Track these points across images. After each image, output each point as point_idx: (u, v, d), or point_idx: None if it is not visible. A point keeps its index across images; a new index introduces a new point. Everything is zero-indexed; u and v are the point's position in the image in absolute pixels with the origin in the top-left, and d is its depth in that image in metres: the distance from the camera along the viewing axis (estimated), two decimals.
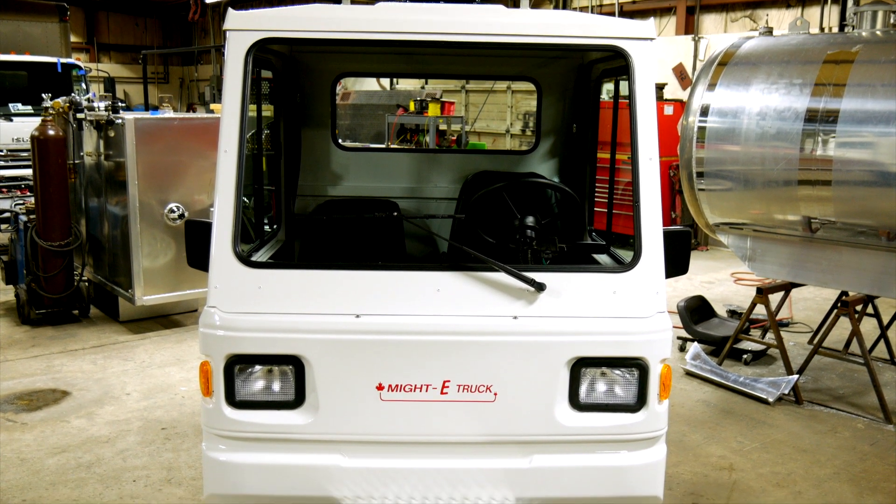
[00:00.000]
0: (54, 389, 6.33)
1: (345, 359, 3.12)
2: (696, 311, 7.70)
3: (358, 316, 3.11)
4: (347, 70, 5.42)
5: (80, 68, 13.29)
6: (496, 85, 17.03)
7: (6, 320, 8.26)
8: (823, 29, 12.97)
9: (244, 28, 3.27)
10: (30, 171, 8.46)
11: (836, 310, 6.65)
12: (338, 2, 3.48)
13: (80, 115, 8.13)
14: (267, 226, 4.85)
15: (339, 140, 5.52)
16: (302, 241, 4.92)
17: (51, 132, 7.80)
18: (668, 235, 3.26)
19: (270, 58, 4.26)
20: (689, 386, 6.68)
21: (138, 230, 7.50)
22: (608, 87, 7.45)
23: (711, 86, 6.43)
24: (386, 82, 17.83)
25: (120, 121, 7.47)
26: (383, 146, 13.65)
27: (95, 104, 8.08)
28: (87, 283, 8.35)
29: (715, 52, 6.69)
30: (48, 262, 7.85)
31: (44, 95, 8.68)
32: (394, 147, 13.22)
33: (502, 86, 16.96)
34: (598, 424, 3.23)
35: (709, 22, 15.46)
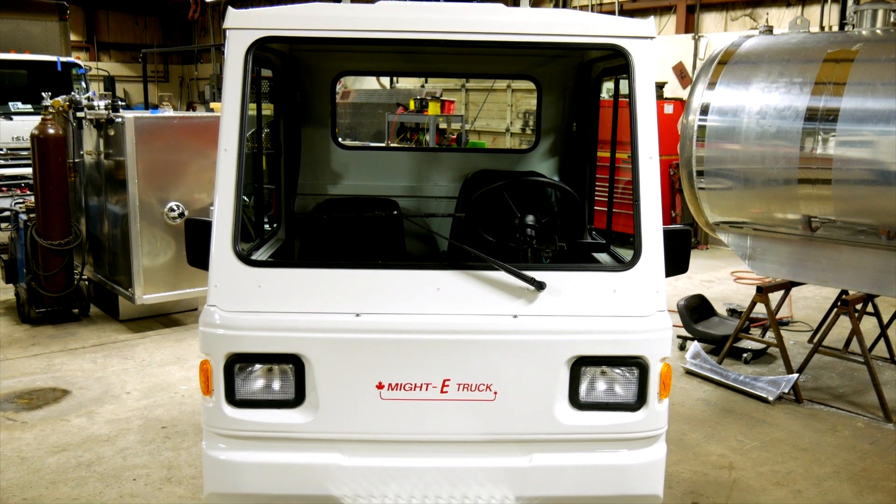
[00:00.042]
0: (54, 388, 6.33)
1: (345, 357, 3.12)
2: (696, 310, 7.70)
3: (358, 315, 3.11)
4: (347, 69, 5.42)
5: (79, 67, 13.28)
6: (496, 83, 17.03)
7: (6, 319, 8.26)
8: (824, 28, 12.97)
9: (244, 27, 3.27)
10: (30, 170, 8.45)
11: (836, 308, 6.65)
12: (337, 0, 3.48)
13: (79, 114, 8.12)
14: (267, 224, 4.85)
15: (339, 139, 5.51)
16: (302, 239, 4.92)
17: (51, 131, 7.79)
18: (668, 234, 3.26)
19: (270, 56, 4.26)
20: (689, 385, 6.69)
21: (138, 229, 7.50)
22: (608, 85, 7.47)
23: (711, 84, 6.43)
24: (386, 81, 17.82)
25: (120, 119, 7.46)
26: (383, 145, 13.64)
27: (95, 103, 8.07)
28: (87, 282, 8.35)
29: (715, 51, 6.68)
30: (48, 260, 7.85)
31: (44, 94, 8.68)
32: (394, 146, 13.21)
33: (502, 84, 16.97)
34: (598, 423, 3.23)
35: (709, 20, 15.46)
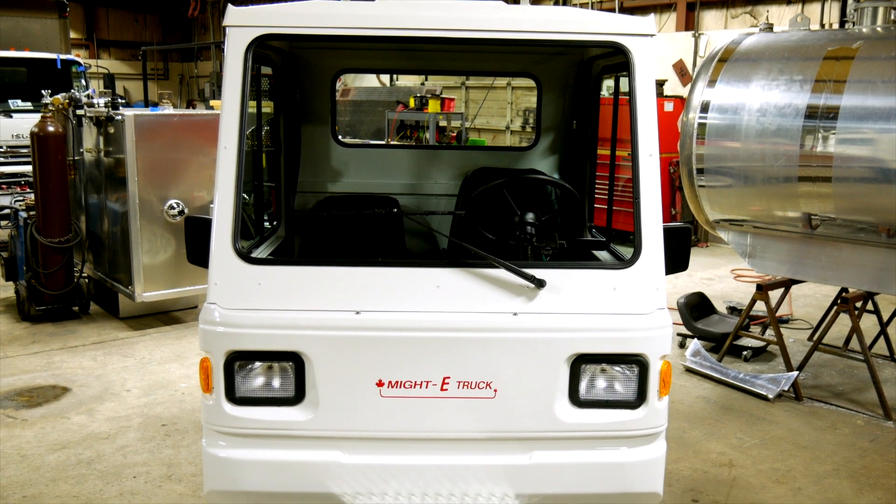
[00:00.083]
0: (54, 386, 6.34)
1: (345, 355, 3.12)
2: (695, 308, 7.71)
3: (358, 312, 3.11)
4: (347, 66, 5.42)
5: (79, 65, 13.28)
6: (496, 81, 17.02)
7: (6, 317, 8.26)
8: (824, 25, 12.96)
9: (244, 24, 3.26)
10: (29, 168, 8.45)
11: (835, 306, 6.66)
12: None
13: (79, 112, 8.12)
14: (267, 222, 4.85)
15: (339, 136, 5.51)
16: (302, 237, 4.92)
17: (50, 129, 7.79)
18: (668, 232, 3.26)
19: (270, 54, 4.25)
20: (688, 382, 6.69)
21: (138, 227, 7.50)
22: (608, 83, 7.46)
23: (712, 82, 6.42)
24: (386, 79, 17.81)
25: (120, 117, 7.46)
26: (383, 143, 13.63)
27: (95, 100, 8.07)
28: (87, 280, 8.35)
29: (715, 49, 6.68)
30: (48, 258, 7.84)
31: (43, 92, 8.67)
32: (394, 143, 13.21)
33: (502, 82, 16.95)
34: (597, 421, 3.23)
35: (709, 18, 15.46)
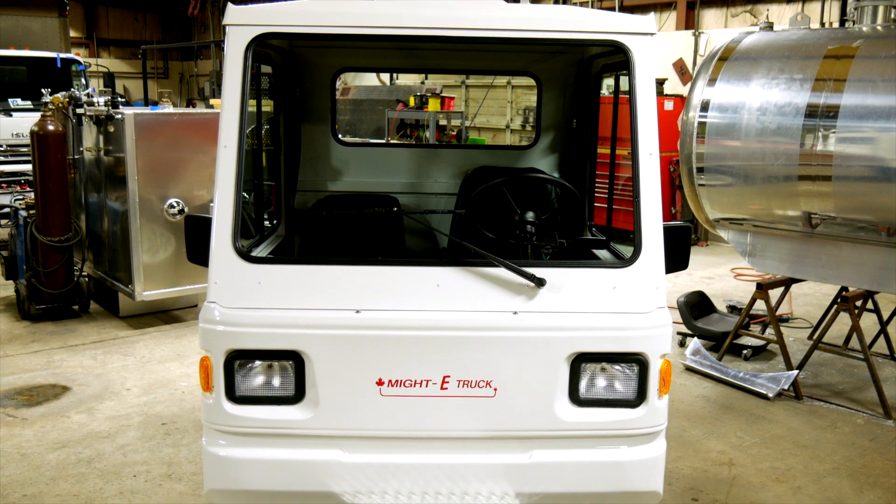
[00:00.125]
0: (54, 385, 6.34)
1: (345, 354, 3.12)
2: (695, 307, 7.71)
3: (358, 311, 3.11)
4: (347, 65, 5.41)
5: (79, 63, 13.28)
6: (496, 80, 17.02)
7: (6, 316, 8.26)
8: (824, 24, 12.96)
9: (244, 23, 3.26)
10: (29, 167, 8.45)
11: (835, 305, 6.66)
12: None
13: (79, 111, 8.12)
14: (267, 221, 4.85)
15: (339, 135, 5.51)
16: (302, 236, 4.92)
17: (50, 127, 7.79)
18: (668, 231, 3.26)
19: (270, 53, 4.25)
20: (688, 381, 6.69)
21: (138, 225, 7.50)
22: (608, 82, 7.46)
23: (712, 81, 6.42)
24: (386, 77, 17.81)
25: (119, 116, 7.46)
26: (383, 141, 13.63)
27: (95, 99, 8.07)
28: (86, 279, 8.35)
29: (715, 48, 6.67)
30: (48, 257, 7.84)
31: (43, 90, 8.68)
32: (394, 142, 13.21)
33: (502, 81, 16.95)
34: (597, 420, 3.23)
35: (709, 17, 15.45)
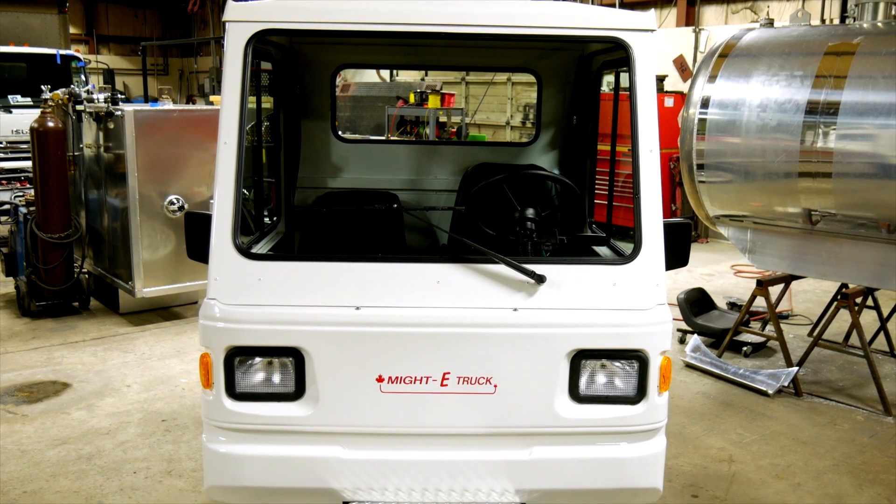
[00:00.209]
0: (55, 381, 6.34)
1: (345, 351, 3.12)
2: (696, 304, 7.71)
3: (358, 308, 3.11)
4: (347, 61, 5.41)
5: (79, 60, 13.26)
6: (496, 77, 17.00)
7: (6, 312, 8.26)
8: (824, 21, 12.93)
9: (243, 19, 3.26)
10: (29, 163, 8.44)
11: (835, 302, 6.65)
12: None
13: (79, 107, 8.11)
14: (267, 218, 4.85)
15: (339, 132, 5.51)
16: (302, 232, 4.92)
17: (50, 124, 7.78)
18: (668, 227, 3.26)
19: (270, 49, 4.25)
20: (688, 378, 6.69)
21: (138, 222, 7.50)
22: (609, 78, 7.44)
23: (712, 77, 6.42)
24: (386, 74, 17.79)
25: (119, 112, 7.45)
26: (383, 138, 13.62)
27: (95, 96, 8.06)
28: (87, 276, 8.35)
29: (715, 44, 6.67)
30: (48, 254, 7.84)
31: (43, 87, 8.67)
32: (394, 139, 13.20)
33: (502, 77, 16.93)
34: (598, 416, 3.23)
35: (709, 13, 15.42)
